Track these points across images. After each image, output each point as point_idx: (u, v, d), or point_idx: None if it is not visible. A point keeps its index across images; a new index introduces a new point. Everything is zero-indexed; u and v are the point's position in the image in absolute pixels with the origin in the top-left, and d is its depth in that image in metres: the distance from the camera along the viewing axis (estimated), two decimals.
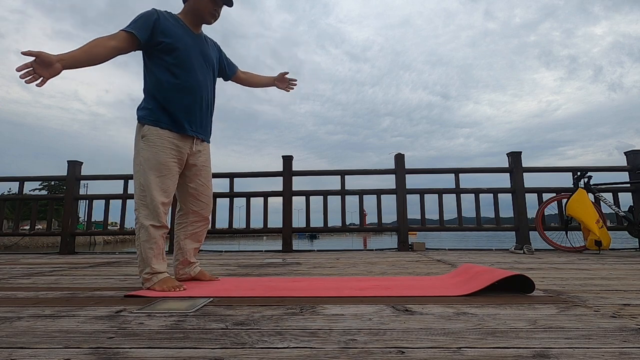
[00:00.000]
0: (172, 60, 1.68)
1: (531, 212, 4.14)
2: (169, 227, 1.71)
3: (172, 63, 1.68)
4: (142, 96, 1.73)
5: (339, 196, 4.33)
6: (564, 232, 3.77)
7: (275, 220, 4.31)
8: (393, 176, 4.37)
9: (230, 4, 1.77)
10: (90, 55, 1.48)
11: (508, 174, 4.33)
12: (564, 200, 3.89)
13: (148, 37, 1.62)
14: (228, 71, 2.05)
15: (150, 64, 1.69)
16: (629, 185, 4.06)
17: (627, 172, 4.16)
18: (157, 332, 0.96)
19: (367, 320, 1.06)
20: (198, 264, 1.91)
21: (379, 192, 4.34)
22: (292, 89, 2.21)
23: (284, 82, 2.17)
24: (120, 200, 4.40)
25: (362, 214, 4.66)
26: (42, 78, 1.34)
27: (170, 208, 1.73)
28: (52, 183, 39.83)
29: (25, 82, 1.31)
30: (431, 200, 4.33)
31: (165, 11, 1.72)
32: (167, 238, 1.73)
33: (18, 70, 1.30)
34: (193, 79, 1.72)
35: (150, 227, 1.61)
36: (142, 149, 1.64)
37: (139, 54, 1.72)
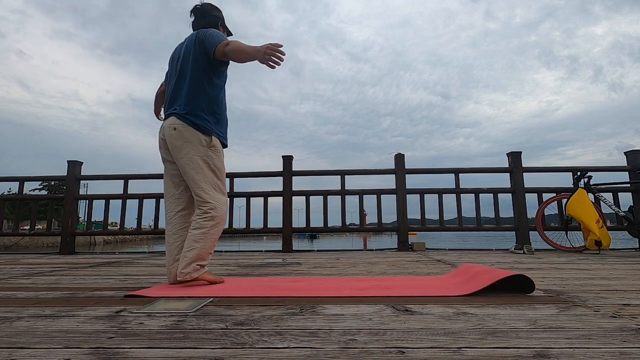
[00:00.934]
0: (225, 81, 1.94)
1: (531, 212, 4.15)
2: None
3: (224, 84, 1.93)
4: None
5: (339, 196, 4.33)
6: (564, 232, 3.77)
7: (275, 220, 4.32)
8: (393, 176, 4.37)
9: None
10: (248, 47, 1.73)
11: (508, 174, 4.33)
12: (564, 200, 3.89)
13: None
14: None
15: (218, 81, 1.85)
16: (629, 185, 4.06)
17: (627, 172, 4.17)
18: (157, 332, 0.96)
19: (367, 320, 1.06)
20: None
21: (379, 192, 4.34)
22: None
23: None
24: (120, 200, 4.40)
25: (362, 214, 4.66)
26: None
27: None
28: (52, 183, 39.82)
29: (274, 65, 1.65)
30: (431, 200, 4.33)
31: None
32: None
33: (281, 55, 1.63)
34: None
35: (220, 230, 1.79)
36: (213, 158, 1.80)
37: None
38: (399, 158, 4.40)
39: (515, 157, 4.27)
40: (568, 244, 3.73)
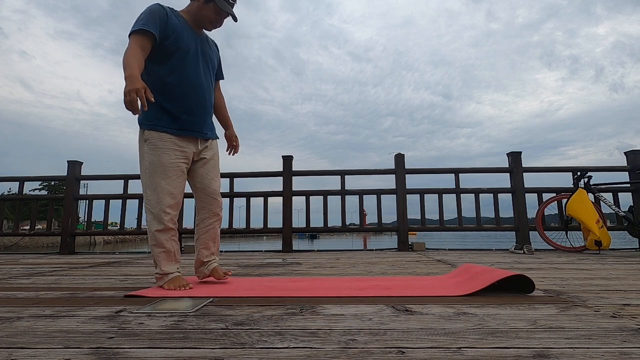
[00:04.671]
0: (175, 60, 1.66)
1: (531, 212, 4.15)
2: (176, 227, 1.72)
3: (175, 63, 1.66)
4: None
5: (339, 196, 4.33)
6: (564, 232, 3.77)
7: (275, 220, 4.33)
8: (393, 176, 4.37)
9: (234, 19, 1.79)
10: (141, 66, 1.52)
11: (508, 174, 4.33)
12: (564, 200, 3.89)
13: (160, 32, 1.61)
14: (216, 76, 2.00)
15: (150, 62, 1.63)
16: (629, 185, 4.05)
17: (627, 172, 4.17)
18: (157, 332, 0.96)
19: (367, 320, 1.06)
20: (214, 261, 1.85)
21: (379, 192, 4.34)
22: (232, 151, 2.07)
23: (230, 140, 2.06)
24: (120, 200, 4.40)
25: (362, 214, 4.66)
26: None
27: (180, 208, 1.73)
28: (52, 183, 39.83)
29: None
30: (431, 200, 4.34)
31: (169, 7, 1.70)
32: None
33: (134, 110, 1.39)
34: (195, 80, 1.72)
35: (155, 232, 1.63)
36: (147, 153, 1.65)
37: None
38: (399, 158, 4.41)
39: (515, 157, 4.27)
40: (568, 244, 3.73)
